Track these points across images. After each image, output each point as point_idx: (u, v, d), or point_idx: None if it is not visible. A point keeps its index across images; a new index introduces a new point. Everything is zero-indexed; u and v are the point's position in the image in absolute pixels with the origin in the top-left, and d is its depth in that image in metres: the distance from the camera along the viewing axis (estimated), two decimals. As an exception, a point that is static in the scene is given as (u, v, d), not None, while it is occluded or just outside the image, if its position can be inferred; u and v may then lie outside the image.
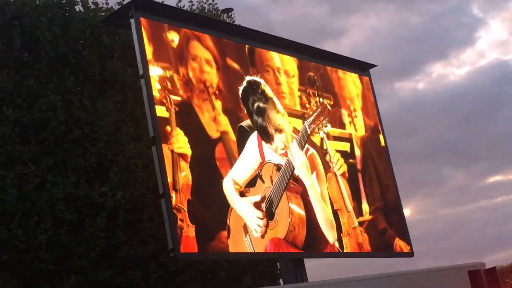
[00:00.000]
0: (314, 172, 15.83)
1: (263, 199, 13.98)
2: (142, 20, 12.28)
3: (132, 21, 12.20)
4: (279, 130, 15.10)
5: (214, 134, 13.57)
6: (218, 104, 13.94)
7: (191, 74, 13.43)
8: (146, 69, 11.90)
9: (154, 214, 15.95)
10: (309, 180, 15.46)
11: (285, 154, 14.82)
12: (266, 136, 14.78)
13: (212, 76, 13.91)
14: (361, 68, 17.54)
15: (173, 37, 13.35)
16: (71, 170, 15.79)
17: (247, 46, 14.87)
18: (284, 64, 15.78)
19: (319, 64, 17.06)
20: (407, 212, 16.97)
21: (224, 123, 13.81)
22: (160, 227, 14.51)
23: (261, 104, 15.14)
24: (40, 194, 15.46)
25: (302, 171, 15.32)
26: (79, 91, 16.48)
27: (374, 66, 17.91)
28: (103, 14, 17.51)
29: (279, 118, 15.25)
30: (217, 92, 13.97)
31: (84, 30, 17.06)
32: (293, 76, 16.10)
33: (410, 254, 16.83)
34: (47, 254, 15.36)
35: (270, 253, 13.63)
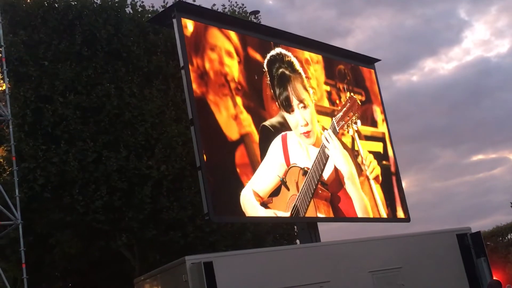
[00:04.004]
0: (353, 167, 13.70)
1: (288, 209, 11.91)
2: (183, 20, 12.18)
3: (174, 21, 12.14)
4: (304, 105, 13.20)
5: (233, 135, 11.71)
6: (239, 100, 12.03)
7: (207, 66, 11.80)
8: (186, 62, 11.82)
9: (192, 184, 15.95)
10: (348, 166, 13.43)
11: (307, 134, 13.05)
12: (287, 105, 12.86)
13: (233, 69, 12.22)
14: (368, 62, 17.15)
15: (186, 24, 11.63)
16: (123, 147, 15.83)
17: (272, 42, 13.72)
18: (311, 55, 14.37)
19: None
20: (403, 185, 16.37)
21: (247, 122, 12.03)
22: (197, 195, 14.53)
23: (287, 72, 13.20)
24: (97, 166, 15.56)
25: (339, 156, 13.30)
26: (129, 80, 16.48)
27: (378, 60, 17.49)
28: (149, 15, 17.45)
29: (304, 93, 13.39)
30: (238, 87, 12.17)
31: (133, 29, 17.04)
32: (317, 62, 14.32)
33: (407, 219, 16.48)
34: (103, 216, 15.50)
35: (289, 217, 12.92)
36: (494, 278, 12.80)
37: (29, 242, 14.88)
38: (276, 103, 12.97)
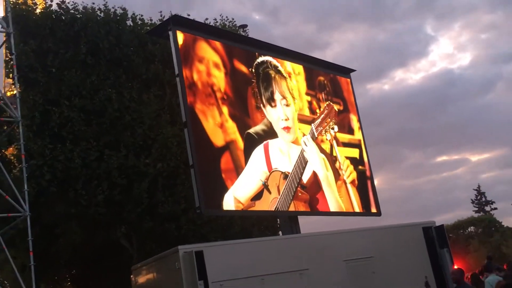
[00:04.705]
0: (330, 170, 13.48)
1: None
2: (178, 32, 12.13)
3: (170, 33, 12.10)
4: (286, 103, 12.99)
5: (219, 142, 11.40)
6: (225, 109, 11.74)
7: (195, 77, 11.52)
8: (180, 70, 11.78)
9: (185, 181, 15.91)
10: (323, 170, 13.24)
11: (287, 130, 12.89)
12: (270, 98, 12.61)
13: (220, 80, 11.95)
14: (345, 72, 17.17)
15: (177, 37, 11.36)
16: (123, 146, 15.77)
17: (256, 53, 13.57)
18: (292, 64, 14.23)
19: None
20: (376, 182, 16.40)
21: (232, 130, 11.78)
22: (190, 190, 14.48)
23: (273, 72, 12.97)
24: (99, 164, 15.49)
25: (316, 159, 13.10)
26: (129, 86, 16.44)
27: (354, 70, 17.49)
28: (147, 27, 17.40)
29: (288, 94, 13.18)
30: (224, 97, 11.83)
31: (133, 40, 17.02)
32: (299, 74, 14.14)
33: (378, 214, 16.48)
34: (104, 209, 15.43)
35: (273, 211, 12.87)
36: (456, 266, 12.85)
37: (37, 232, 14.77)
38: (261, 100, 12.64)
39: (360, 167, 15.13)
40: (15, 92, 14.36)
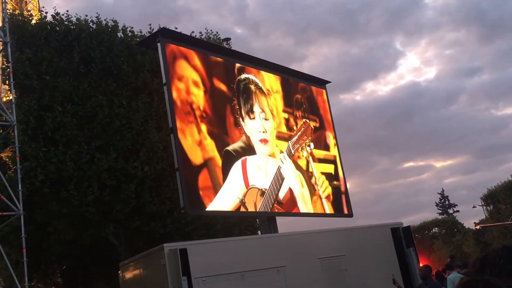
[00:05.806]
0: (305, 186, 13.24)
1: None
2: (166, 44, 12.00)
3: (159, 44, 12.02)
4: (265, 117, 12.64)
5: (197, 160, 10.82)
6: (204, 127, 11.16)
7: (174, 95, 10.97)
8: (168, 80, 11.64)
9: (171, 183, 15.86)
10: (299, 186, 13.05)
11: (264, 142, 12.55)
12: (249, 110, 12.20)
13: (199, 98, 11.41)
14: (320, 83, 17.14)
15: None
16: (112, 150, 15.68)
17: (237, 65, 13.06)
18: (271, 82, 13.83)
19: (306, 86, 14.96)
20: (348, 185, 16.36)
21: (210, 148, 11.21)
22: (175, 192, 14.43)
23: (252, 87, 12.64)
24: (90, 166, 15.38)
25: (292, 176, 12.88)
26: (119, 94, 16.36)
27: (329, 82, 17.37)
28: (137, 39, 17.34)
29: (266, 108, 12.88)
30: (203, 115, 11.26)
31: (123, 50, 16.94)
32: (277, 92, 13.77)
33: (350, 215, 16.47)
34: (94, 209, 15.33)
35: (252, 212, 12.61)
36: (421, 264, 12.94)
37: (30, 230, 14.62)
38: (240, 114, 12.28)
39: (335, 182, 14.93)
40: (11, 97, 14.23)
